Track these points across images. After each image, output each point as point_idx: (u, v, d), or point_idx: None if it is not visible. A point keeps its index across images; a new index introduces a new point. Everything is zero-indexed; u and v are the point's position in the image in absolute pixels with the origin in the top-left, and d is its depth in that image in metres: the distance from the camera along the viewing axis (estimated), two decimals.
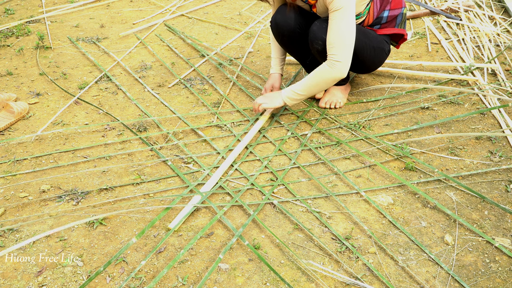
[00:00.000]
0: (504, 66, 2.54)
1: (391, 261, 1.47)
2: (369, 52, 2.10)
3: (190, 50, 2.90)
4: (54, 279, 1.43)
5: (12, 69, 2.72)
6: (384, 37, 2.15)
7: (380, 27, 2.13)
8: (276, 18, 2.13)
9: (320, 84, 2.00)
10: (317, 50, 2.04)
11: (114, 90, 2.48)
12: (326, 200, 1.71)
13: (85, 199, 1.73)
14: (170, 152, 1.98)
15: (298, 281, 1.40)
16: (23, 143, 2.06)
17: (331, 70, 1.95)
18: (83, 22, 3.36)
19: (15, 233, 1.59)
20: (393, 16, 2.10)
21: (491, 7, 3.29)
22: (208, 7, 3.60)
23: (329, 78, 1.97)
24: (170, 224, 1.58)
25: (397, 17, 2.11)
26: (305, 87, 2.02)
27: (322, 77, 1.98)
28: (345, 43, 1.91)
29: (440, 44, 2.84)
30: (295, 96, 2.05)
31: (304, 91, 2.03)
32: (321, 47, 2.01)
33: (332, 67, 1.95)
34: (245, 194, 1.74)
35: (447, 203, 1.67)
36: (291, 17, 2.10)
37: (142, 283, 1.41)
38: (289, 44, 2.19)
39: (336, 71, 1.95)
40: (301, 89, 2.03)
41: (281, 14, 2.11)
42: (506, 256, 1.47)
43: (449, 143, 1.97)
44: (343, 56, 1.93)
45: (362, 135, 2.03)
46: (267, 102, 2.08)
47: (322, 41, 1.99)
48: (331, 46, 1.93)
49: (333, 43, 1.92)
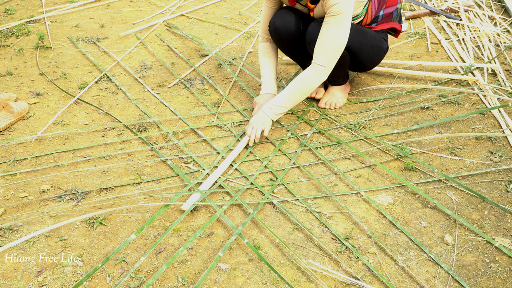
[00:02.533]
0: (504, 66, 2.54)
1: (391, 261, 1.47)
2: (367, 51, 2.10)
3: (190, 50, 2.90)
4: (54, 279, 1.43)
5: (12, 69, 2.72)
6: (382, 34, 2.15)
7: (377, 24, 2.14)
8: (275, 22, 2.11)
9: (303, 93, 1.98)
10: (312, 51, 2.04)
11: (114, 90, 2.47)
12: (326, 200, 1.71)
13: (85, 199, 1.73)
14: (170, 152, 1.98)
15: (298, 281, 1.40)
16: (23, 143, 2.06)
17: (313, 73, 1.94)
18: (83, 22, 3.36)
19: (15, 233, 1.59)
20: (388, 13, 2.12)
21: (491, 7, 3.28)
22: (208, 7, 3.60)
23: (312, 83, 1.96)
24: (183, 206, 1.65)
25: (392, 13, 2.13)
26: (288, 98, 1.98)
27: (306, 83, 1.96)
28: (333, 49, 1.90)
29: (440, 44, 2.84)
30: (278, 110, 1.99)
31: (288, 103, 1.99)
32: None
33: (314, 70, 1.94)
34: (245, 194, 1.74)
35: (447, 203, 1.67)
36: (290, 21, 2.09)
37: (142, 282, 1.41)
38: (289, 47, 2.19)
39: (318, 75, 1.94)
40: (284, 101, 1.98)
41: (280, 18, 2.10)
42: (506, 256, 1.47)
43: (449, 143, 1.97)
44: (328, 61, 1.92)
45: (362, 135, 2.03)
46: (263, 127, 1.98)
47: None
48: (319, 49, 1.92)
49: (321, 46, 1.91)
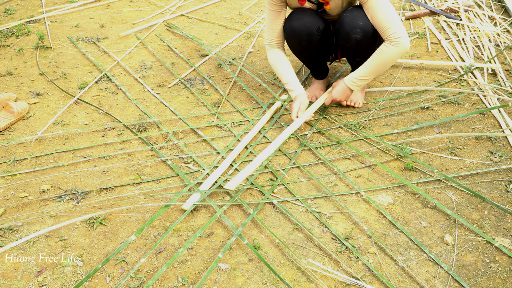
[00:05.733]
0: (504, 66, 2.54)
1: (391, 261, 1.47)
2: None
3: (190, 50, 2.90)
4: (54, 279, 1.43)
5: (12, 69, 2.72)
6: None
7: None
8: (294, 24, 2.07)
9: (386, 65, 2.01)
10: (355, 40, 2.02)
11: (114, 90, 2.48)
12: (326, 200, 1.71)
13: (85, 199, 1.73)
14: (170, 152, 1.98)
15: (298, 281, 1.40)
16: (23, 143, 2.06)
17: (397, 48, 1.95)
18: (83, 22, 3.36)
19: (15, 233, 1.59)
20: None
21: (491, 7, 3.28)
22: (208, 7, 3.60)
23: (396, 55, 1.98)
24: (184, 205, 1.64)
25: None
26: (370, 71, 2.02)
27: (389, 57, 1.98)
28: (395, 19, 1.94)
29: (440, 44, 2.84)
30: (361, 82, 2.06)
31: (369, 75, 2.04)
32: (360, 36, 2.00)
33: (397, 45, 1.95)
34: (245, 194, 1.74)
35: (447, 203, 1.67)
36: (309, 21, 2.06)
37: (142, 282, 1.41)
38: (308, 49, 2.15)
39: (401, 47, 1.95)
40: (366, 75, 2.03)
41: (298, 19, 2.06)
42: (506, 256, 1.47)
43: (449, 143, 1.97)
44: (401, 31, 1.94)
45: (362, 135, 2.03)
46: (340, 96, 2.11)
47: (361, 29, 1.98)
48: (386, 28, 1.94)
49: (386, 24, 1.94)
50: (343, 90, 2.09)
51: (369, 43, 2.03)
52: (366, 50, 2.05)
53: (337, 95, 2.10)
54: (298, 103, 2.05)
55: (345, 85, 2.07)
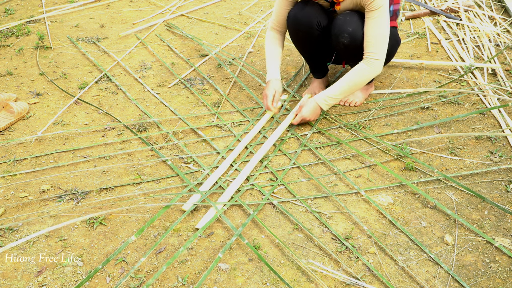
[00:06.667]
0: (504, 66, 2.54)
1: (391, 261, 1.47)
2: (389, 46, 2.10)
3: (190, 50, 2.90)
4: (54, 279, 1.43)
5: (12, 69, 2.72)
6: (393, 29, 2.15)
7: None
8: (296, 13, 2.07)
9: (357, 85, 2.01)
10: (343, 44, 2.02)
11: (114, 90, 2.48)
12: (326, 200, 1.71)
13: (85, 199, 1.73)
14: (170, 152, 1.98)
15: (298, 281, 1.40)
16: (23, 143, 2.06)
17: (369, 68, 1.97)
18: (83, 22, 3.36)
19: (15, 233, 1.59)
20: (396, 10, 2.11)
21: (491, 7, 3.28)
22: (208, 7, 3.60)
23: (366, 76, 1.99)
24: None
25: (397, 12, 2.12)
26: (342, 91, 2.02)
27: (360, 76, 1.98)
28: (382, 41, 1.94)
29: (440, 44, 2.84)
30: (331, 101, 2.06)
31: (341, 94, 2.04)
32: (347, 41, 1.99)
33: (370, 65, 1.96)
34: (245, 194, 1.74)
35: (447, 203, 1.67)
36: (311, 14, 2.05)
37: (142, 282, 1.41)
38: (304, 41, 2.15)
39: (373, 68, 1.97)
40: (337, 93, 2.03)
41: (301, 10, 2.06)
42: (506, 256, 1.47)
43: (449, 143, 1.97)
44: (381, 54, 1.95)
45: (362, 135, 2.03)
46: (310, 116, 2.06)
47: (348, 34, 1.98)
48: (370, 44, 1.95)
49: (371, 41, 1.94)
50: (314, 109, 2.06)
51: (357, 49, 2.02)
52: (356, 55, 2.05)
53: (307, 114, 2.06)
54: (272, 90, 2.09)
55: (316, 104, 2.05)
